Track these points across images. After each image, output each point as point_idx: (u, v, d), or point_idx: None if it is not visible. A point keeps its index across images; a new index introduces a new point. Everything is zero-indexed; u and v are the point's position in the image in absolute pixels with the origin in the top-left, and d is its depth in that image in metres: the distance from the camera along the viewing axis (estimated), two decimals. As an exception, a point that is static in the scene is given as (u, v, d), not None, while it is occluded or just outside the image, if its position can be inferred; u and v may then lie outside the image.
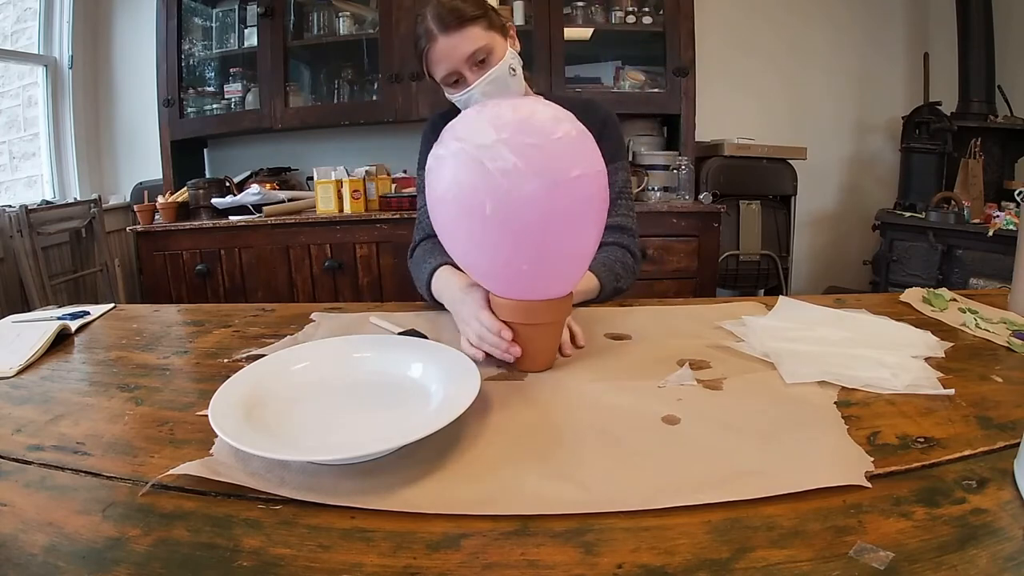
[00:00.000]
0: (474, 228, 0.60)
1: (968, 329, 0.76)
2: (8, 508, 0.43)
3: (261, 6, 2.37)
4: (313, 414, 0.55)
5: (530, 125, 0.58)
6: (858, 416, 0.53)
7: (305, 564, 0.37)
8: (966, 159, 2.46)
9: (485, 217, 0.58)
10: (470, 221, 0.59)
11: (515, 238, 0.59)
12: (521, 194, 0.56)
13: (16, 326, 0.86)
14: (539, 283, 0.63)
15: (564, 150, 0.58)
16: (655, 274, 2.16)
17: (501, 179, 0.56)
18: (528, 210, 0.57)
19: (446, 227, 0.64)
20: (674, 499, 0.41)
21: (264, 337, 0.82)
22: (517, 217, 0.57)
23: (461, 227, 0.62)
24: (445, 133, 0.62)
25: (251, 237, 2.22)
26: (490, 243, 0.60)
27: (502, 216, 0.57)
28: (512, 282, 0.63)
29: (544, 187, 0.57)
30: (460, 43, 0.89)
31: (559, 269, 0.63)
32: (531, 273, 0.61)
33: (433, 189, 0.62)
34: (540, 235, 0.58)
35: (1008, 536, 0.37)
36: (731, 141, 2.46)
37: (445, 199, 0.61)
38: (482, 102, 0.72)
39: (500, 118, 0.59)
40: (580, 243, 0.63)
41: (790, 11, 2.74)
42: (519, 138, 0.57)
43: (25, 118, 2.59)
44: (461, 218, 0.61)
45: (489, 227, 0.58)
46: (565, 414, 0.55)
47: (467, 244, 0.63)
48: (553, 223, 0.58)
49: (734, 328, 0.76)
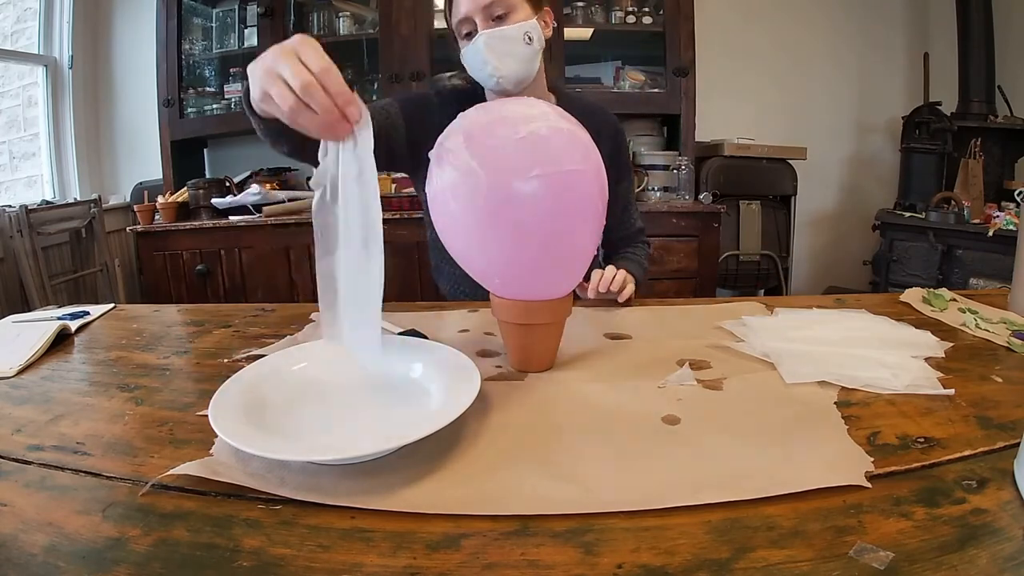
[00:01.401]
0: (461, 230, 0.61)
1: (968, 329, 0.76)
2: (8, 508, 0.43)
3: (261, 6, 2.37)
4: (313, 414, 0.54)
5: (494, 128, 0.58)
6: (858, 416, 0.53)
7: (305, 564, 0.37)
8: (966, 159, 2.46)
9: (470, 219, 0.58)
10: (461, 221, 0.60)
11: (503, 239, 0.59)
12: (499, 195, 0.56)
13: (16, 326, 0.86)
14: (537, 283, 0.63)
15: (525, 151, 0.57)
16: (655, 274, 2.16)
17: (462, 182, 0.57)
18: (513, 210, 0.57)
19: (446, 228, 0.64)
20: (674, 499, 0.41)
21: (264, 337, 0.82)
22: (503, 218, 0.57)
23: (450, 229, 0.63)
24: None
25: (251, 237, 2.22)
26: (480, 244, 0.61)
27: (485, 217, 0.58)
28: (510, 282, 0.63)
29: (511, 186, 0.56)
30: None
31: (552, 269, 0.63)
32: (521, 275, 0.62)
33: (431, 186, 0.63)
34: (532, 235, 0.58)
35: (1008, 536, 0.37)
36: (731, 141, 2.46)
37: (436, 200, 0.62)
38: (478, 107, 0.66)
39: (472, 121, 0.59)
40: (574, 241, 0.62)
41: (789, 11, 2.75)
42: (482, 140, 0.57)
43: (25, 118, 2.59)
44: (448, 219, 0.62)
45: (477, 229, 0.59)
46: (565, 414, 0.55)
47: (465, 244, 0.63)
48: (548, 222, 0.58)
49: (734, 328, 0.76)
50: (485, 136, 0.58)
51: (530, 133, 0.57)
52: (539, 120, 0.59)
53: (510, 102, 0.63)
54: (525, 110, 0.60)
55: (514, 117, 0.59)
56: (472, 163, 0.57)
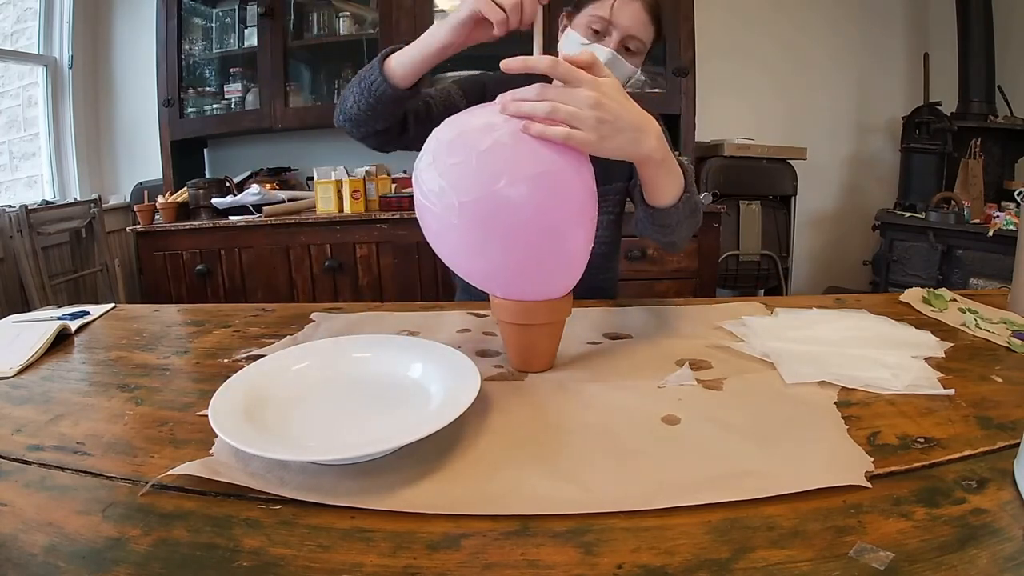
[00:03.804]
0: (445, 247, 0.63)
1: (968, 329, 0.76)
2: (8, 508, 0.43)
3: (261, 6, 2.37)
4: (313, 414, 0.55)
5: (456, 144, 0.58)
6: (858, 416, 0.53)
7: (305, 564, 0.37)
8: (966, 159, 2.46)
9: (453, 236, 0.60)
10: (444, 238, 0.62)
11: (490, 251, 0.59)
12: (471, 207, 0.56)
13: (16, 326, 0.86)
14: (534, 285, 0.62)
15: (490, 163, 0.56)
16: (655, 274, 2.16)
17: (436, 201, 0.58)
18: (493, 222, 0.57)
19: (434, 244, 0.65)
20: (674, 499, 0.41)
21: (264, 337, 0.82)
22: (485, 231, 0.58)
23: (437, 247, 0.64)
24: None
25: (251, 237, 2.22)
26: (467, 258, 0.62)
27: (466, 234, 0.58)
28: (507, 285, 0.63)
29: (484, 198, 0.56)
30: (638, 12, 0.88)
31: (546, 270, 0.62)
32: (515, 279, 0.62)
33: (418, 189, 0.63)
34: (516, 242, 0.58)
35: (1008, 536, 0.37)
36: (731, 141, 2.46)
37: (421, 218, 0.64)
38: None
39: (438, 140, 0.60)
40: (563, 239, 0.61)
41: (789, 11, 2.75)
42: (445, 159, 0.58)
43: (25, 118, 2.59)
44: (432, 236, 0.63)
45: (462, 245, 0.60)
46: (565, 414, 0.55)
47: (453, 260, 0.64)
48: (530, 227, 0.57)
49: (734, 328, 0.76)
50: (447, 156, 0.58)
51: (494, 143, 0.56)
52: (502, 127, 0.57)
53: (478, 110, 0.62)
54: (489, 118, 0.59)
55: (477, 129, 0.58)
56: (442, 182, 0.57)
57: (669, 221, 0.78)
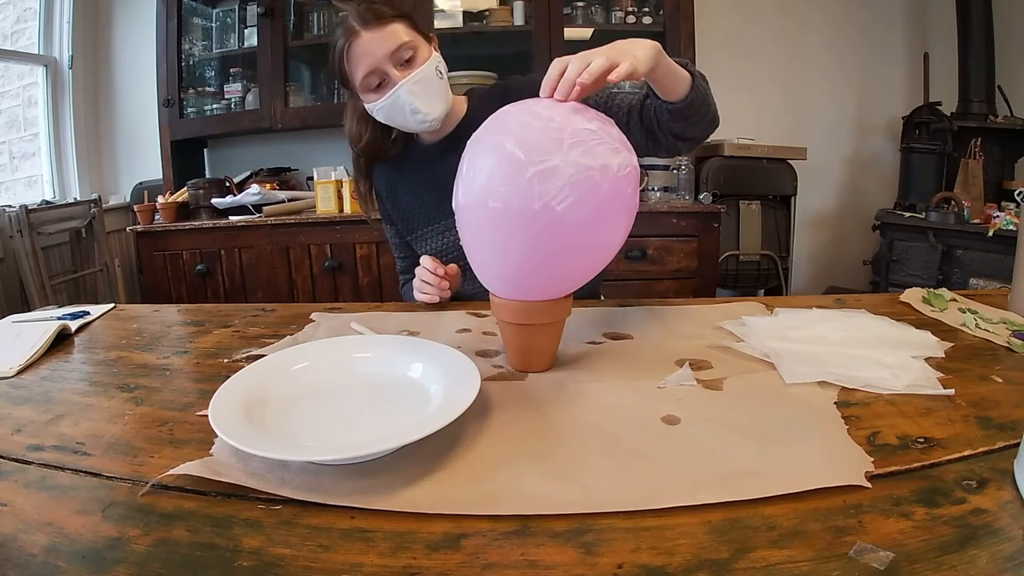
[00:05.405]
0: (499, 235, 0.60)
1: (968, 329, 0.76)
2: (8, 508, 0.43)
3: (261, 6, 2.37)
4: (313, 414, 0.55)
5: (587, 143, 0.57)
6: (858, 416, 0.53)
7: (305, 564, 0.37)
8: (966, 159, 2.46)
9: (512, 224, 0.58)
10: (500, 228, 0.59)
11: (536, 261, 0.59)
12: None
13: (16, 326, 0.86)
14: (543, 285, 0.62)
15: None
16: (655, 274, 2.16)
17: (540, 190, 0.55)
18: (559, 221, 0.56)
19: (472, 230, 0.63)
20: (674, 499, 0.41)
21: (264, 337, 0.82)
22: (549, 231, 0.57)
23: (486, 234, 0.61)
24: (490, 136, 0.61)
25: (251, 237, 2.22)
26: (504, 250, 0.60)
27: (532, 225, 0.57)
28: (516, 285, 0.63)
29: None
30: (384, 39, 0.87)
31: (570, 274, 0.63)
32: (538, 278, 0.62)
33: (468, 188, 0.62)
34: (560, 240, 0.58)
35: (1008, 536, 0.37)
36: (731, 141, 2.46)
37: (470, 205, 0.61)
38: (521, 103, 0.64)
39: (562, 130, 0.57)
40: (608, 235, 0.62)
41: (789, 11, 2.74)
42: (575, 158, 0.56)
43: (25, 118, 2.59)
44: (487, 224, 0.60)
45: (512, 236, 0.59)
46: (565, 414, 0.55)
47: (488, 249, 0.63)
48: (583, 227, 0.58)
49: (734, 328, 0.76)
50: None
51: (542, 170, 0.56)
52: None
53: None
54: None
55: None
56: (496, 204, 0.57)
57: (688, 112, 0.86)
